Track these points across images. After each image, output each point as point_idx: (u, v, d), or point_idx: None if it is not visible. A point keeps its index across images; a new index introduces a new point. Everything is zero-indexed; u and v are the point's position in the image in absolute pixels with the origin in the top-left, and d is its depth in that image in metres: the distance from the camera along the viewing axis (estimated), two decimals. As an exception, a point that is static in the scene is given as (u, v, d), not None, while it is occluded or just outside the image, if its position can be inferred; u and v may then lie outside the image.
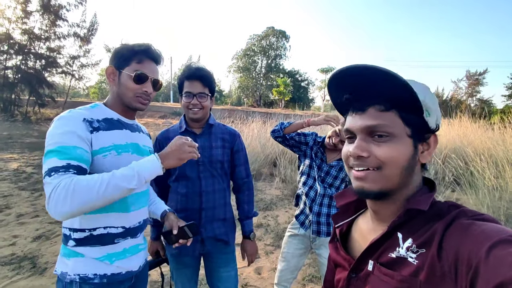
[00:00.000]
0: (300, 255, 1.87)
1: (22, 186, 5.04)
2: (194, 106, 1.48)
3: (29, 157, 7.53)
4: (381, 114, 0.55)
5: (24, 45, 17.16)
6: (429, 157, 0.58)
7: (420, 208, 0.54)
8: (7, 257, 2.80)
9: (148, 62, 1.14)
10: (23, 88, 17.70)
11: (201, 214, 1.52)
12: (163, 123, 15.94)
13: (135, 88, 1.11)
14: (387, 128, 0.55)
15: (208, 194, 1.52)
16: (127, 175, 0.94)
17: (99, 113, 1.10)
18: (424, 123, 0.56)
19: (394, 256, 0.55)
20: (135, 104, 1.13)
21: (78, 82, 21.56)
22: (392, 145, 0.55)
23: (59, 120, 1.01)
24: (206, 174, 1.53)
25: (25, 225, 3.53)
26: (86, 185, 0.89)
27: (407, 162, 0.55)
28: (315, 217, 1.80)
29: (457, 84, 31.30)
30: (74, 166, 0.93)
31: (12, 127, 13.48)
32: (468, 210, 0.53)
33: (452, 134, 6.59)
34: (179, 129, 1.56)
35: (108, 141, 1.05)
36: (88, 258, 1.05)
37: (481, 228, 0.46)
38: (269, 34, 38.37)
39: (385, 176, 0.56)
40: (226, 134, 1.61)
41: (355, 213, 0.73)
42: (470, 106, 20.01)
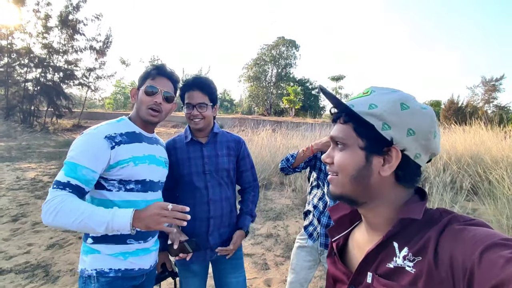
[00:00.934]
0: (310, 268, 1.84)
1: (38, 195, 5.17)
2: (195, 117, 1.48)
3: (46, 166, 7.74)
4: (341, 126, 0.62)
5: (43, 58, 17.90)
6: (390, 171, 0.57)
7: (413, 217, 0.55)
8: (21, 265, 2.86)
9: (161, 78, 1.28)
10: (42, 99, 18.39)
11: (209, 222, 1.53)
12: (175, 132, 16.17)
13: (147, 100, 1.24)
14: (341, 139, 0.61)
15: (215, 203, 1.53)
16: (100, 220, 1.00)
17: (124, 126, 1.24)
18: (381, 136, 0.56)
19: (392, 266, 0.55)
20: (147, 116, 1.26)
21: (94, 93, 22.18)
22: (343, 154, 0.60)
23: (85, 135, 1.14)
24: (213, 183, 1.54)
25: (40, 234, 3.61)
26: (68, 212, 0.99)
27: (355, 172, 0.59)
28: (323, 229, 1.77)
29: (473, 90, 30.60)
30: (72, 185, 1.05)
31: (31, 137, 13.95)
32: (460, 215, 0.54)
33: (469, 142, 6.40)
34: (185, 139, 1.58)
35: (127, 154, 1.18)
36: (103, 255, 1.17)
37: (473, 233, 0.48)
38: (279, 44, 38.76)
39: (340, 181, 0.61)
40: (231, 142, 1.63)
41: (350, 225, 0.73)
42: (487, 112, 19.46)
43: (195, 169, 1.53)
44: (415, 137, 0.56)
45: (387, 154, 0.57)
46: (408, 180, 0.60)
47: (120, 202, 1.18)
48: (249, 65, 40.51)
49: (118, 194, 1.18)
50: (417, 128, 0.56)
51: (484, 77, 29.45)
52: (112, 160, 1.14)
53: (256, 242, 3.61)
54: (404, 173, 0.58)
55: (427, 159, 0.60)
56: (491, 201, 3.87)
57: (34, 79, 18.01)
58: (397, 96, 0.58)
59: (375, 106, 0.56)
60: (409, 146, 0.56)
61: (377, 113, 0.56)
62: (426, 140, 0.56)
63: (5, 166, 7.43)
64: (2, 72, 16.77)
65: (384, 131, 0.55)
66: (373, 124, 0.56)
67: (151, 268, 1.31)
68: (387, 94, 0.59)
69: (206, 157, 1.55)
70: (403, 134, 0.55)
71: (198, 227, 1.52)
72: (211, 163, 1.54)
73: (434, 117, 0.58)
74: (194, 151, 1.56)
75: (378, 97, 0.58)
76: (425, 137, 0.56)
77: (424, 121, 0.56)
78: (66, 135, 16.55)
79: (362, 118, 0.56)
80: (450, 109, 26.21)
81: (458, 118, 10.93)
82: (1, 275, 2.66)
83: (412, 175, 0.59)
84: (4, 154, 9.13)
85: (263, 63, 39.46)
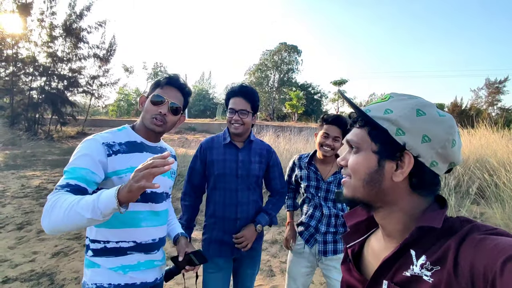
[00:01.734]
0: (307, 274, 1.82)
1: (43, 202, 5.17)
2: (235, 122, 1.58)
3: (50, 174, 7.78)
4: (357, 130, 0.63)
5: (48, 67, 18.11)
6: (402, 176, 0.56)
7: (432, 225, 0.53)
8: (26, 273, 2.85)
9: (169, 88, 1.24)
10: (46, 107, 18.55)
11: (236, 223, 1.63)
12: (178, 139, 16.20)
13: (152, 109, 1.20)
14: (356, 143, 0.62)
15: (243, 205, 1.64)
16: (86, 204, 0.90)
17: (124, 136, 1.20)
18: (393, 141, 0.56)
19: (409, 274, 0.54)
20: (151, 125, 1.21)
21: (97, 100, 22.37)
22: (356, 157, 0.61)
23: (84, 142, 1.12)
24: (243, 186, 1.64)
25: (44, 242, 3.61)
26: (60, 205, 0.91)
27: (368, 176, 0.59)
28: (322, 236, 1.76)
29: (477, 93, 30.47)
30: (70, 185, 1.00)
31: (36, 145, 14.05)
32: (481, 224, 0.52)
33: (474, 144, 6.34)
34: (223, 141, 1.68)
35: (125, 164, 1.14)
36: (103, 268, 1.13)
37: (495, 242, 0.46)
38: (281, 49, 38.95)
39: (352, 184, 0.62)
40: (263, 150, 1.73)
41: (366, 232, 0.72)
42: (491, 115, 19.34)
43: (229, 171, 1.63)
44: (430, 144, 0.55)
45: (400, 159, 0.56)
46: (424, 188, 0.58)
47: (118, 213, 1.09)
48: (251, 70, 40.72)
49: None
50: (433, 135, 0.55)
51: (488, 78, 29.29)
52: (109, 168, 1.10)
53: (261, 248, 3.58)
54: (419, 181, 0.57)
55: (446, 168, 0.58)
56: (499, 204, 3.82)
57: (38, 87, 18.19)
58: (414, 102, 0.57)
59: (391, 112, 0.57)
60: (424, 153, 0.55)
61: (392, 118, 0.56)
62: (443, 148, 0.55)
63: (10, 174, 7.48)
64: (8, 81, 16.98)
65: (397, 136, 0.55)
66: (387, 128, 0.56)
67: (157, 281, 1.25)
68: (404, 100, 0.59)
69: (240, 161, 1.64)
70: (417, 140, 0.55)
71: (228, 226, 1.63)
72: (244, 167, 1.64)
73: (453, 125, 0.56)
74: (230, 154, 1.65)
75: (395, 103, 0.58)
76: (441, 145, 0.55)
77: (441, 128, 0.55)
78: (70, 142, 16.65)
79: (377, 122, 0.57)
80: (454, 112, 26.14)
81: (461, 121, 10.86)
82: (6, 284, 2.65)
83: (428, 183, 0.58)
84: (9, 162, 9.20)
85: (265, 69, 39.64)
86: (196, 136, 17.89)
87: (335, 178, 1.76)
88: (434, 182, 0.58)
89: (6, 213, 4.55)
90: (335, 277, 1.71)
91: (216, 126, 21.33)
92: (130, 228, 1.15)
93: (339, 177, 1.75)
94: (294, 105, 31.57)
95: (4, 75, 17.10)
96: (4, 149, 11.85)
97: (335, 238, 1.75)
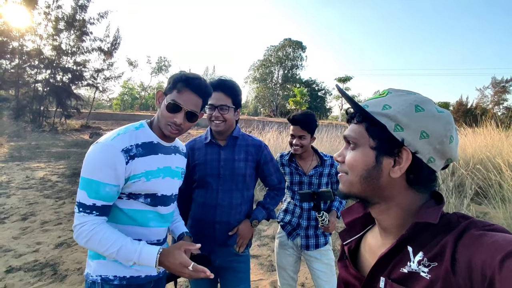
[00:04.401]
0: (295, 261, 1.90)
1: (47, 194, 5.24)
2: (216, 119, 1.45)
3: (54, 166, 7.85)
4: (354, 126, 0.62)
5: (52, 60, 18.20)
6: (400, 172, 0.56)
7: (429, 221, 0.53)
8: (30, 263, 2.89)
9: (188, 93, 1.13)
10: (51, 100, 18.69)
11: (215, 226, 1.50)
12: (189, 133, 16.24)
13: (167, 116, 1.13)
14: (353, 138, 0.61)
15: (223, 208, 1.50)
16: (127, 257, 1.02)
17: (141, 136, 1.14)
18: (391, 137, 0.55)
19: (406, 271, 0.53)
20: (166, 131, 1.16)
21: (102, 94, 22.52)
22: (354, 153, 0.61)
23: (101, 147, 1.05)
24: (224, 187, 1.50)
25: (48, 232, 3.65)
26: (98, 241, 1.01)
27: (365, 172, 0.59)
28: (304, 231, 1.82)
29: (483, 92, 30.12)
30: (98, 207, 1.03)
31: (40, 137, 14.17)
32: (478, 221, 0.52)
33: (479, 144, 6.28)
34: (204, 140, 1.56)
35: (141, 168, 1.10)
36: (109, 261, 1.12)
37: (493, 239, 0.46)
38: (286, 45, 38.77)
39: (349, 180, 0.62)
40: (250, 147, 1.58)
41: (363, 229, 0.71)
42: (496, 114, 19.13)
43: (210, 171, 1.50)
44: (428, 140, 0.54)
45: (398, 155, 0.56)
46: (421, 184, 0.58)
47: (128, 211, 1.13)
48: (255, 66, 40.58)
49: (128, 203, 1.13)
50: (431, 131, 0.54)
51: (494, 77, 28.91)
52: (126, 174, 1.08)
53: (262, 243, 3.60)
54: (416, 177, 0.57)
55: (442, 165, 0.58)
56: (502, 204, 3.79)
57: (43, 80, 18.33)
58: (412, 98, 0.57)
59: (389, 107, 0.56)
60: (422, 149, 0.54)
61: (390, 114, 0.55)
62: (441, 144, 0.55)
63: (15, 165, 7.56)
64: (13, 73, 17.11)
65: (396, 132, 0.55)
66: (385, 124, 0.55)
67: (159, 275, 1.24)
68: (402, 95, 0.58)
69: (223, 160, 1.51)
70: (415, 136, 0.54)
71: (205, 229, 1.50)
72: (226, 167, 1.50)
73: (451, 122, 0.56)
74: (211, 153, 1.53)
75: (393, 99, 0.58)
76: (439, 141, 0.54)
77: (439, 124, 0.55)
78: (75, 135, 16.78)
79: (375, 118, 0.56)
80: (459, 111, 25.89)
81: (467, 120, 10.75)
82: (10, 273, 2.69)
83: (425, 179, 0.57)
84: (14, 154, 9.29)
85: (269, 65, 39.49)
86: (200, 132, 17.92)
87: (316, 171, 1.82)
88: (431, 178, 0.58)
89: (10, 204, 4.60)
90: (317, 267, 1.79)
91: (219, 122, 21.26)
92: (139, 226, 1.15)
93: (320, 171, 1.82)
94: (298, 102, 31.47)
95: (9, 67, 17.20)
96: (9, 141, 11.97)
97: (316, 233, 1.82)
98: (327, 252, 1.83)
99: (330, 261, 1.82)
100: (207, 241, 1.48)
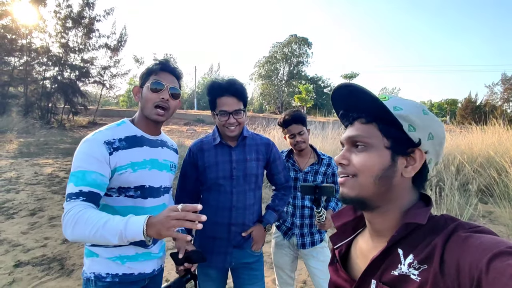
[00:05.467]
0: (292, 261, 1.93)
1: (55, 190, 5.34)
2: (231, 125, 1.40)
3: (62, 162, 7.99)
4: (363, 126, 0.60)
5: (60, 57, 18.39)
6: (413, 172, 0.58)
7: (418, 221, 0.54)
8: (38, 258, 2.97)
9: (165, 74, 1.21)
10: (59, 97, 18.92)
11: (230, 228, 1.47)
12: (187, 130, 16.34)
13: (153, 97, 1.17)
14: (365, 139, 0.59)
15: (238, 210, 1.47)
16: (113, 229, 0.93)
17: (123, 131, 1.17)
18: (406, 137, 0.57)
19: (397, 273, 0.54)
20: (153, 115, 1.19)
21: (108, 91, 22.69)
22: (367, 154, 0.59)
23: (85, 142, 1.10)
24: (239, 189, 1.47)
25: (56, 228, 3.73)
26: (84, 222, 0.95)
27: (381, 172, 0.58)
28: (298, 229, 1.84)
29: (492, 88, 29.56)
30: (84, 192, 1.02)
31: (48, 133, 14.39)
32: (465, 222, 0.53)
33: (486, 142, 6.19)
34: (213, 141, 1.51)
35: (126, 160, 1.12)
36: (102, 258, 1.14)
37: (479, 241, 0.47)
38: (292, 42, 38.49)
39: (360, 183, 0.59)
40: (260, 146, 1.55)
41: (353, 232, 0.72)
42: (506, 112, 18.77)
43: (222, 173, 1.47)
44: (433, 141, 0.58)
45: (410, 155, 0.58)
46: (422, 184, 0.61)
47: (120, 208, 1.14)
48: (260, 63, 40.42)
49: (118, 200, 1.15)
50: (435, 133, 0.58)
51: (505, 74, 28.29)
52: (111, 166, 1.09)
53: (265, 240, 3.62)
54: (420, 177, 0.59)
55: (433, 166, 0.61)
56: (507, 203, 3.75)
57: (51, 77, 18.56)
58: (416, 103, 0.60)
59: (400, 109, 0.57)
60: (429, 150, 0.58)
61: (403, 114, 0.57)
62: (440, 146, 0.59)
63: (24, 161, 7.71)
64: (22, 71, 17.35)
65: (410, 132, 0.56)
66: (402, 124, 0.56)
67: (154, 272, 1.25)
68: (406, 100, 0.60)
69: (235, 161, 1.48)
70: (425, 137, 0.57)
71: (220, 232, 1.48)
72: (239, 168, 1.47)
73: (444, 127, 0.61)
74: (222, 155, 1.49)
75: (400, 101, 0.59)
76: (439, 142, 0.59)
77: (440, 128, 0.59)
78: (82, 131, 16.98)
79: (393, 117, 0.56)
80: (467, 108, 25.47)
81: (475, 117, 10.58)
82: (19, 267, 2.77)
83: (424, 179, 0.60)
84: (23, 150, 9.47)
85: (274, 61, 39.30)
86: (205, 128, 18.00)
87: (311, 168, 1.85)
88: (426, 178, 0.61)
89: (19, 199, 4.71)
90: (314, 265, 1.82)
91: (224, 118, 21.25)
92: None
93: (316, 168, 1.84)
94: (303, 99, 31.31)
95: (18, 64, 17.44)
96: (18, 137, 12.18)
97: (311, 231, 1.84)
98: (322, 249, 1.85)
99: (326, 258, 1.83)
100: (222, 243, 1.48)
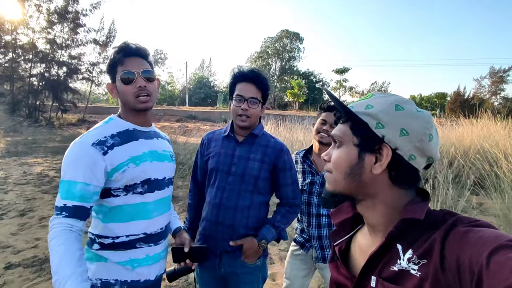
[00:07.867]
0: (304, 276, 1.77)
1: (45, 189, 5.23)
2: (243, 111, 1.37)
3: (51, 161, 7.81)
4: (340, 126, 0.65)
5: (47, 53, 17.92)
6: (380, 169, 0.58)
7: (415, 217, 0.54)
8: (29, 259, 2.90)
9: (130, 59, 1.12)
10: (47, 94, 18.48)
11: (217, 228, 1.38)
12: (179, 127, 16.18)
13: (129, 89, 1.10)
14: (339, 137, 0.64)
15: (227, 209, 1.37)
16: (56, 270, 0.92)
17: (114, 127, 1.12)
18: (372, 134, 0.58)
19: (396, 269, 0.55)
20: (137, 105, 1.13)
21: (98, 87, 22.24)
22: (339, 151, 0.63)
23: (73, 146, 1.05)
24: (233, 186, 1.38)
25: (47, 228, 3.62)
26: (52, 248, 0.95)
27: (348, 169, 0.61)
28: (317, 241, 1.68)
29: (480, 82, 30.08)
30: (68, 208, 0.98)
31: (37, 132, 14.05)
32: (464, 217, 0.53)
33: (476, 134, 6.31)
34: (223, 133, 1.50)
35: (125, 155, 1.07)
36: (111, 263, 1.08)
37: (479, 235, 0.47)
38: (283, 37, 38.39)
39: (334, 178, 0.64)
40: (269, 148, 1.44)
41: (353, 229, 0.73)
42: (494, 105, 19.17)
43: (221, 166, 1.41)
44: (408, 137, 0.57)
45: (379, 152, 0.58)
46: (404, 181, 0.60)
47: (128, 207, 1.10)
48: (252, 58, 40.26)
49: (126, 198, 1.10)
50: (410, 129, 0.57)
51: (492, 67, 28.75)
52: (109, 166, 1.03)
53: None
54: (397, 174, 0.59)
55: (424, 163, 0.60)
56: (498, 195, 3.82)
57: (38, 74, 18.07)
58: (393, 98, 0.61)
59: (371, 107, 0.60)
60: (402, 146, 0.57)
61: (372, 112, 0.59)
62: (421, 142, 0.57)
63: (12, 161, 7.51)
64: (7, 68, 16.86)
65: (377, 129, 0.58)
66: (367, 122, 0.59)
67: (156, 278, 1.21)
68: (384, 97, 0.62)
69: (236, 157, 1.41)
70: (395, 133, 0.57)
71: (209, 229, 1.41)
72: (239, 165, 1.39)
73: (430, 121, 0.59)
74: (226, 147, 1.45)
75: (376, 99, 0.62)
76: (419, 138, 0.57)
77: (418, 123, 0.58)
78: (71, 129, 16.66)
79: (358, 116, 0.60)
80: (456, 101, 25.89)
81: (464, 110, 10.77)
82: (9, 269, 2.70)
83: (408, 177, 0.60)
84: (10, 149, 9.23)
85: (266, 57, 39.18)
86: (197, 125, 17.86)
87: None
88: (413, 176, 0.60)
89: (8, 199, 4.59)
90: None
91: (217, 115, 21.21)
92: (141, 220, 1.12)
93: None
94: (296, 94, 31.36)
95: (3, 61, 16.96)
96: (5, 136, 11.88)
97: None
98: None
99: None
100: (211, 243, 1.40)
